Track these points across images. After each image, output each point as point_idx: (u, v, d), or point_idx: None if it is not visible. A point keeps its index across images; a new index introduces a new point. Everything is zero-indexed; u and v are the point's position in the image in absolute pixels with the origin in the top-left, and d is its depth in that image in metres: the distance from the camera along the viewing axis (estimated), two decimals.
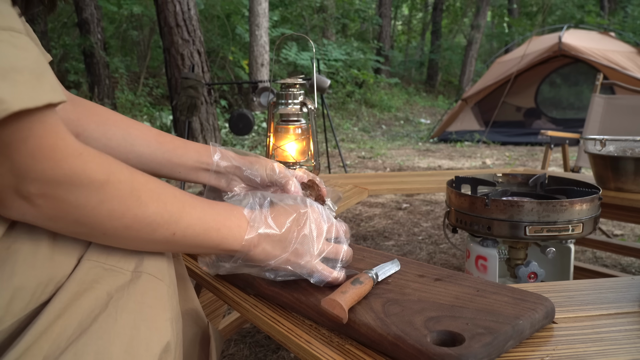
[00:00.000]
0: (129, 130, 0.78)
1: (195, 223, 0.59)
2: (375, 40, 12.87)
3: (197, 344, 0.71)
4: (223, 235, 0.62)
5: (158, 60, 9.45)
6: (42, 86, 0.46)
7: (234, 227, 0.63)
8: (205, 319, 0.74)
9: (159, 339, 0.54)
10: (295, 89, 1.20)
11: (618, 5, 14.37)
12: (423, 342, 0.53)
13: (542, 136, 2.67)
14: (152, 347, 0.53)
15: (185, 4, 5.17)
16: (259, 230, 0.64)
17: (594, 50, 6.51)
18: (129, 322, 0.52)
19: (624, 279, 0.77)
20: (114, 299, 0.53)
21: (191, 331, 0.70)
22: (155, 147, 0.78)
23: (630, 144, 1.54)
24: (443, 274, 0.73)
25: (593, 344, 0.57)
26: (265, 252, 0.64)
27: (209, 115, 5.42)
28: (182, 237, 0.58)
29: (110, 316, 0.51)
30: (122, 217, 0.52)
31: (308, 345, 0.59)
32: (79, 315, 0.50)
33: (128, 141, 0.77)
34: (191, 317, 0.71)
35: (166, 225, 0.56)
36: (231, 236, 0.62)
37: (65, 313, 0.49)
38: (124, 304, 0.53)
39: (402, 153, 6.53)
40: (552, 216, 1.05)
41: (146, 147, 0.78)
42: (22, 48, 0.46)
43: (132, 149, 0.77)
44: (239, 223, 0.63)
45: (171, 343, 0.56)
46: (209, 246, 0.61)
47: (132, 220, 0.53)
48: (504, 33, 16.57)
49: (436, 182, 1.73)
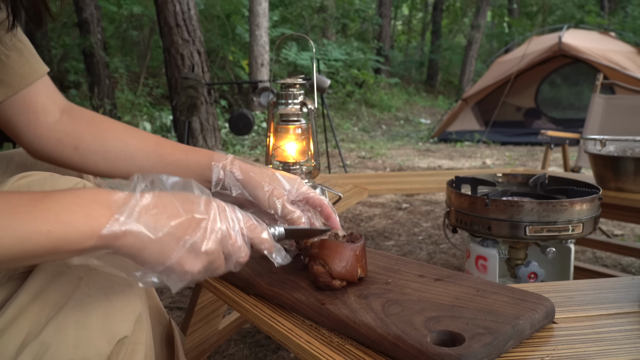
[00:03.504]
0: (127, 141, 0.76)
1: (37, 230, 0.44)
2: (375, 40, 12.86)
3: (162, 342, 0.72)
4: (58, 237, 0.45)
5: (158, 60, 9.45)
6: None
7: (80, 221, 0.46)
8: (167, 315, 0.77)
9: (132, 309, 0.57)
10: (295, 89, 1.20)
11: (618, 5, 14.36)
12: (423, 342, 0.53)
13: (542, 136, 2.68)
14: (126, 316, 0.56)
15: (185, 4, 5.17)
16: (123, 226, 0.48)
17: (594, 50, 6.51)
18: (101, 295, 0.55)
19: (624, 279, 0.77)
20: (84, 280, 0.55)
21: (154, 329, 0.71)
22: (155, 160, 0.76)
23: (630, 144, 1.54)
24: (443, 274, 0.73)
25: (593, 344, 0.57)
26: (138, 250, 0.49)
27: (209, 115, 5.42)
28: (20, 246, 0.44)
29: (84, 292, 0.54)
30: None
31: (308, 345, 0.59)
32: (55, 296, 0.53)
33: (127, 153, 0.75)
34: (153, 315, 0.72)
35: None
36: (75, 233, 0.46)
37: (41, 294, 0.52)
38: (94, 282, 0.55)
39: (402, 153, 6.53)
40: (552, 216, 1.05)
41: (146, 159, 0.76)
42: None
43: (132, 162, 0.75)
44: (93, 213, 0.47)
45: (142, 315, 0.59)
46: (41, 254, 0.45)
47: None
48: (504, 33, 16.56)
49: (436, 182, 1.73)
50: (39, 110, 0.73)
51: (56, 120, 0.75)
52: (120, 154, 0.75)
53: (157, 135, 0.80)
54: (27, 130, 0.73)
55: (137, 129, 0.80)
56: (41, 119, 0.74)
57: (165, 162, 0.75)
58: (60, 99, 0.77)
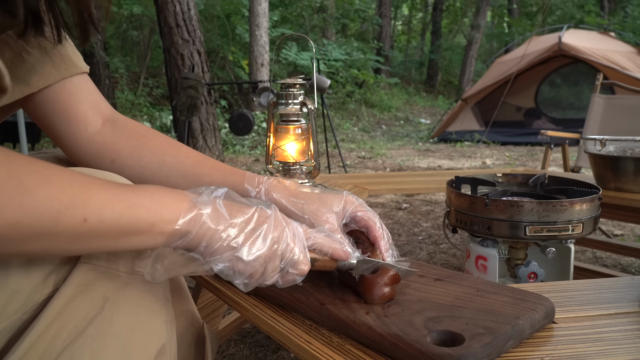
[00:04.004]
0: (164, 158, 0.73)
1: (112, 201, 0.47)
2: (375, 40, 12.87)
3: (192, 345, 0.71)
4: (155, 211, 0.49)
5: (158, 60, 9.45)
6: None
7: (169, 202, 0.50)
8: (200, 319, 0.74)
9: (154, 341, 0.54)
10: (295, 89, 1.20)
11: (618, 5, 14.37)
12: (423, 342, 0.53)
13: (542, 136, 2.68)
14: (147, 350, 0.53)
15: (185, 4, 5.17)
16: (203, 210, 0.51)
17: (594, 50, 6.51)
18: (124, 324, 0.52)
19: (624, 279, 0.77)
20: (110, 301, 0.52)
21: (187, 332, 0.70)
22: (192, 180, 0.73)
23: (630, 144, 1.54)
24: (443, 274, 0.73)
25: (593, 344, 0.57)
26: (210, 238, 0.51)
27: (209, 115, 5.42)
28: (98, 222, 0.45)
29: (106, 319, 0.51)
30: (2, 212, 0.41)
31: (308, 345, 0.59)
32: (75, 317, 0.49)
33: (163, 171, 0.73)
34: (186, 318, 0.70)
35: (69, 211, 0.44)
36: (167, 212, 0.49)
37: (61, 316, 0.49)
38: (120, 306, 0.52)
39: (402, 153, 6.53)
40: (552, 216, 1.05)
41: (182, 178, 0.73)
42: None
43: (167, 180, 0.73)
44: (177, 199, 0.51)
45: (166, 345, 0.55)
46: (140, 230, 0.48)
47: (18, 213, 0.41)
48: (504, 33, 16.56)
49: (436, 182, 1.73)
50: (79, 120, 0.72)
51: (97, 130, 0.73)
52: (156, 171, 0.73)
53: (198, 153, 0.76)
54: (68, 140, 0.72)
55: (179, 144, 0.76)
56: (81, 129, 0.72)
57: (202, 183, 0.72)
58: (105, 107, 0.75)
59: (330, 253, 0.61)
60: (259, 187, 0.73)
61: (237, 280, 0.54)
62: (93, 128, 0.73)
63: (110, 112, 0.75)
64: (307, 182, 1.23)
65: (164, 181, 0.73)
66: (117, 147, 0.73)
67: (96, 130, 0.73)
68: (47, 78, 0.68)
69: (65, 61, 0.70)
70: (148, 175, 0.72)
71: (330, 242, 0.61)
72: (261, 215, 0.55)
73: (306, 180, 1.23)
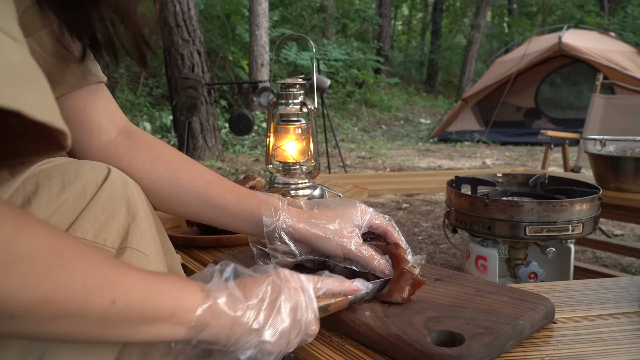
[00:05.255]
0: (177, 174, 0.71)
1: (139, 283, 0.45)
2: (375, 40, 12.86)
3: None
4: (176, 298, 0.47)
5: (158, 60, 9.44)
6: None
7: (188, 290, 0.49)
8: None
9: None
10: (295, 89, 1.20)
11: (618, 5, 14.37)
12: (423, 342, 0.53)
13: (542, 136, 2.68)
14: None
15: (185, 4, 5.17)
16: (217, 299, 0.50)
17: (594, 50, 6.51)
18: None
19: (624, 279, 0.77)
20: None
21: None
22: (204, 200, 0.71)
23: (630, 144, 1.54)
24: (443, 274, 0.73)
25: (593, 344, 0.57)
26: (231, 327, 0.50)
27: (209, 115, 5.42)
28: (125, 305, 0.44)
29: None
30: (37, 286, 0.37)
31: (308, 345, 0.59)
32: None
33: (174, 187, 0.70)
34: None
35: (100, 290, 0.42)
36: (187, 299, 0.48)
37: None
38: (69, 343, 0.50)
39: (402, 153, 6.53)
40: (552, 216, 1.05)
41: (194, 197, 0.71)
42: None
43: (177, 197, 0.70)
44: (193, 288, 0.50)
45: None
46: (162, 317, 0.46)
47: (52, 289, 0.38)
48: (504, 33, 16.56)
49: (436, 182, 1.73)
50: (93, 128, 0.70)
51: (110, 140, 0.71)
52: (167, 186, 0.70)
53: (213, 173, 0.74)
54: (78, 147, 0.70)
55: (194, 162, 0.74)
56: (94, 137, 0.71)
57: (214, 205, 0.70)
58: (121, 118, 0.73)
59: (343, 292, 0.61)
60: (277, 217, 0.70)
61: None
62: (107, 137, 0.71)
63: (125, 124, 0.74)
64: (307, 182, 1.23)
65: (174, 198, 0.70)
66: (129, 157, 0.70)
67: (110, 139, 0.72)
68: (64, 87, 0.67)
69: (84, 70, 0.69)
70: (157, 189, 0.69)
71: (338, 283, 0.61)
72: (275, 286, 0.54)
73: (306, 180, 1.23)
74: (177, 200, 0.70)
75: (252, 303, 0.51)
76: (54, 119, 0.37)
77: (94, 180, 0.57)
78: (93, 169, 0.57)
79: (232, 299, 0.50)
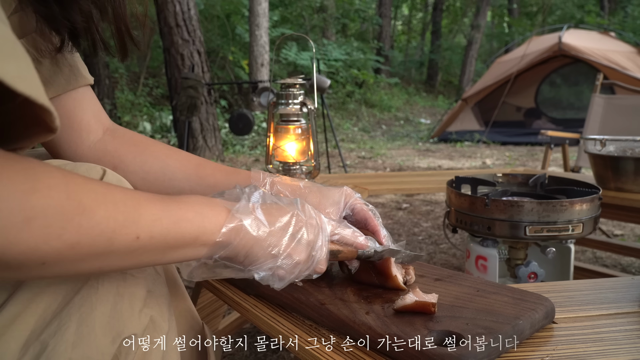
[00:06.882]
0: (167, 162, 0.75)
1: (160, 216, 0.48)
2: (375, 40, 12.86)
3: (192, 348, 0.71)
4: (198, 224, 0.50)
5: (158, 60, 9.44)
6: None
7: (210, 213, 0.52)
8: (199, 319, 0.74)
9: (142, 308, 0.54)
10: (295, 89, 1.21)
11: (618, 5, 14.36)
12: (423, 342, 0.53)
13: (542, 136, 2.68)
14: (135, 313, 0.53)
15: (185, 4, 5.17)
16: (243, 220, 0.53)
17: (594, 50, 6.51)
18: (111, 289, 0.52)
19: (624, 279, 0.77)
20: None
21: (187, 335, 0.69)
22: (195, 182, 0.74)
23: (630, 144, 1.54)
24: (443, 274, 0.73)
25: (593, 344, 0.57)
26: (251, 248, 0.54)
27: (209, 115, 5.42)
28: (149, 238, 0.47)
29: (92, 287, 0.51)
30: (62, 234, 0.40)
31: (308, 345, 0.59)
32: (63, 290, 0.50)
33: (167, 175, 0.74)
34: (185, 318, 0.70)
35: (124, 229, 0.45)
36: (209, 223, 0.51)
37: (48, 288, 0.49)
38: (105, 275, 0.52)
39: (402, 153, 6.53)
40: (552, 216, 1.05)
41: (185, 181, 0.74)
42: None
43: (170, 184, 0.74)
44: (216, 210, 0.53)
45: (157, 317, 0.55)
46: (186, 243, 0.50)
47: (77, 234, 0.41)
48: (504, 33, 16.56)
49: (436, 182, 1.73)
50: (82, 128, 0.73)
51: (98, 139, 0.74)
52: (160, 175, 0.74)
53: (198, 157, 0.78)
54: (68, 147, 0.72)
55: (178, 150, 0.78)
56: (83, 137, 0.73)
57: (206, 185, 0.74)
58: (105, 118, 0.76)
59: (354, 244, 0.65)
60: (263, 183, 0.75)
61: (277, 285, 0.58)
62: (95, 136, 0.74)
63: (109, 123, 0.77)
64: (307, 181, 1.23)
65: (168, 185, 0.74)
66: (120, 154, 0.74)
67: (97, 138, 0.74)
68: (56, 88, 0.69)
69: (74, 72, 0.71)
70: (152, 179, 0.73)
71: (352, 235, 0.65)
72: (299, 219, 0.58)
73: (306, 180, 1.23)
74: (171, 187, 0.74)
75: (274, 230, 0.55)
76: (38, 94, 0.37)
77: None
78: (88, 170, 0.58)
79: (257, 222, 0.54)
